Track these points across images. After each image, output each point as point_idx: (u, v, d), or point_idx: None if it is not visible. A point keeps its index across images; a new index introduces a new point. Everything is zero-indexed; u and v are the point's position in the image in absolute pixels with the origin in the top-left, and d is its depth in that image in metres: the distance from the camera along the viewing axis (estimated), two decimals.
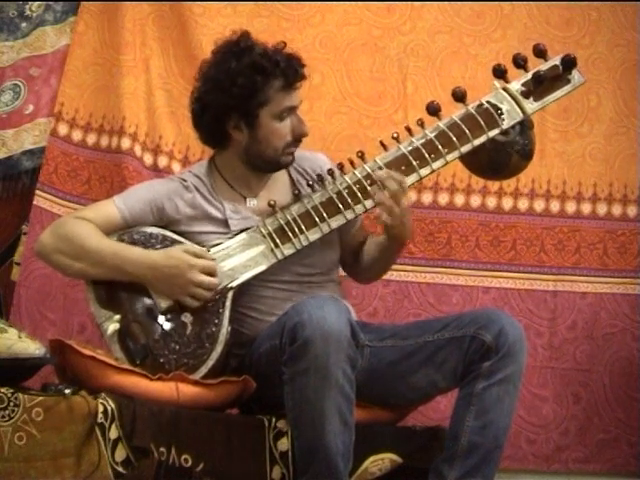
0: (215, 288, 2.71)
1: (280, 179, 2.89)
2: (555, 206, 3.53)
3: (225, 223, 2.81)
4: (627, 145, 3.55)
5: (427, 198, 3.47)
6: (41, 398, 2.50)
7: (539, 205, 3.52)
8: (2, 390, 2.47)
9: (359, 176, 2.77)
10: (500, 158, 2.79)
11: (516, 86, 2.82)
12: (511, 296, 3.50)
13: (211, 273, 2.72)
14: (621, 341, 3.50)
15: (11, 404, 2.46)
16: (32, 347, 2.58)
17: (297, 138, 2.81)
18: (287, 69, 2.74)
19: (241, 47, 2.76)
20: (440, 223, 3.50)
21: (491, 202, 3.50)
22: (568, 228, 3.53)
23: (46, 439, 2.47)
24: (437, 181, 3.47)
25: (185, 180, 2.85)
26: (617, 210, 3.55)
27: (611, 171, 3.55)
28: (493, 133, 2.77)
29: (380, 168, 2.75)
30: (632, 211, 3.55)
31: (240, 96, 2.73)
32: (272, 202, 2.77)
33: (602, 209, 3.54)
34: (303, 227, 2.75)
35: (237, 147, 2.82)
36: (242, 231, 2.77)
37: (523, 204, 3.52)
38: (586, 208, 3.54)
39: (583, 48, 3.48)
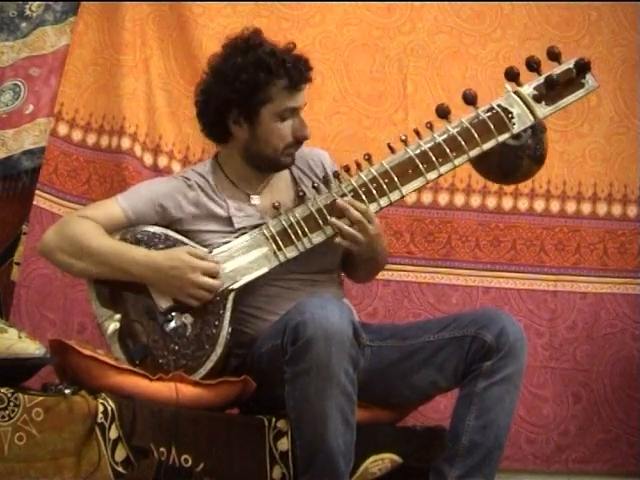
0: (216, 290, 2.71)
1: (283, 177, 2.88)
2: (555, 206, 3.53)
3: (229, 221, 2.80)
4: (627, 145, 3.55)
5: (427, 198, 3.47)
6: (41, 398, 2.50)
7: (539, 205, 3.52)
8: (2, 390, 2.47)
9: (365, 179, 2.74)
10: (511, 162, 2.76)
11: (528, 90, 2.76)
12: (511, 296, 3.50)
13: (213, 275, 2.71)
14: (621, 341, 3.50)
15: (11, 404, 2.46)
16: (32, 347, 2.58)
17: (298, 140, 2.80)
18: (292, 70, 2.73)
19: (249, 44, 2.76)
20: (440, 223, 3.49)
21: (491, 202, 3.50)
22: (568, 228, 3.53)
23: (46, 439, 2.47)
24: (437, 181, 3.46)
25: (188, 179, 2.85)
26: (617, 210, 3.55)
27: (611, 171, 3.55)
28: (503, 138, 2.73)
29: (387, 171, 2.73)
30: (632, 211, 3.55)
31: (242, 91, 2.72)
32: (277, 204, 2.76)
33: (602, 209, 3.54)
34: (306, 230, 2.74)
35: (237, 143, 2.82)
36: (245, 233, 2.77)
37: (523, 204, 3.52)
38: (586, 208, 3.54)
39: (583, 48, 3.47)
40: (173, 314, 2.72)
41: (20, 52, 3.38)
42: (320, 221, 2.74)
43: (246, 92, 2.72)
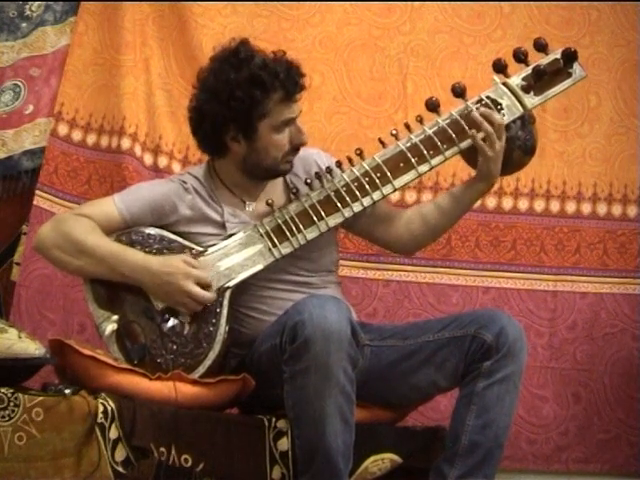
0: (206, 302, 2.70)
1: (278, 182, 2.87)
2: (555, 206, 3.53)
3: (223, 226, 2.80)
4: (627, 145, 3.55)
5: (427, 198, 3.47)
6: (41, 398, 2.50)
7: (539, 205, 3.52)
8: (2, 390, 2.48)
9: (357, 174, 2.77)
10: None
11: (516, 80, 2.79)
12: (511, 296, 3.49)
13: (205, 285, 2.71)
14: (621, 341, 3.50)
15: (11, 404, 2.47)
16: (32, 347, 2.58)
17: (295, 147, 2.79)
18: (287, 81, 2.70)
19: (240, 57, 2.71)
20: None
21: (491, 202, 3.50)
22: (568, 228, 3.53)
23: (46, 439, 2.47)
24: (437, 181, 3.47)
25: (185, 182, 2.84)
26: (617, 210, 3.55)
27: (611, 171, 3.55)
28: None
29: (379, 165, 2.74)
30: (632, 211, 3.55)
31: (238, 109, 2.69)
32: (270, 201, 2.77)
33: (602, 209, 3.54)
34: (301, 226, 2.75)
35: (235, 157, 2.79)
36: (239, 231, 2.77)
37: (523, 204, 3.52)
38: (586, 208, 3.54)
39: (583, 48, 3.46)
40: (170, 313, 2.72)
41: (20, 52, 3.39)
42: (314, 217, 2.75)
43: (242, 109, 2.69)
